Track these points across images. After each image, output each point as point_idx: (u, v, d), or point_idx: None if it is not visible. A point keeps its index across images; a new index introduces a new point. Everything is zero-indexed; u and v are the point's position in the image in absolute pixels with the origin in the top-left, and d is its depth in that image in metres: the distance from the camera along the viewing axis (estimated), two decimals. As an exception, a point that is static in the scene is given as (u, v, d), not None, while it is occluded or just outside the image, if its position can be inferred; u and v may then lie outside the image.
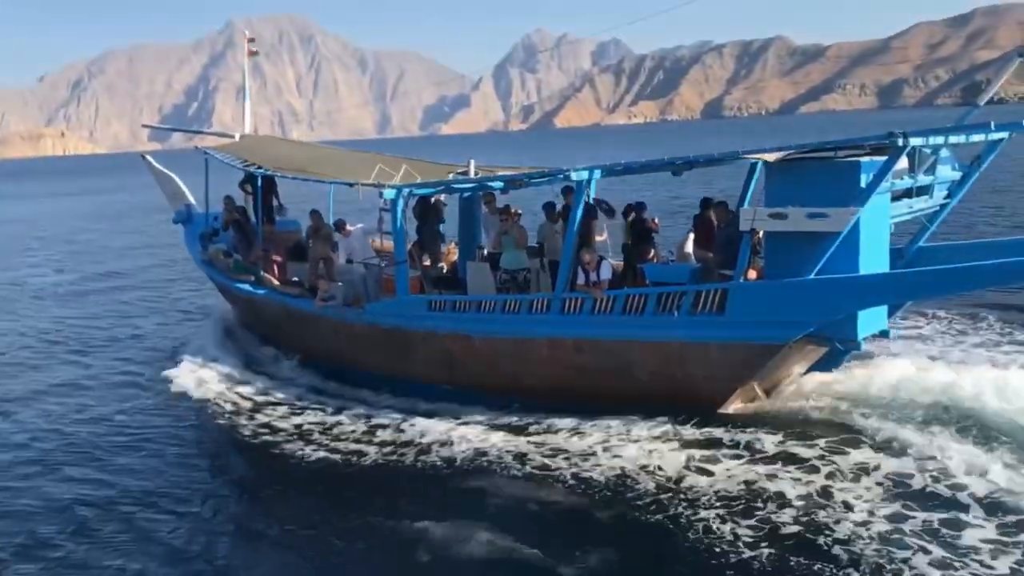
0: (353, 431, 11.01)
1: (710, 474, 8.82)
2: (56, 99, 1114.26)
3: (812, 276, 9.18)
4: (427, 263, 13.81)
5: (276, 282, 14.22)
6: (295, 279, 14.33)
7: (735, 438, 9.55)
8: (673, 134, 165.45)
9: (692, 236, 12.06)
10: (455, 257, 14.35)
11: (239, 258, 15.08)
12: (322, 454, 10.38)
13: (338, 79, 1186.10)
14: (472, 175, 13.41)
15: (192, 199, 17.40)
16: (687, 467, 9.01)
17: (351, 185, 12.52)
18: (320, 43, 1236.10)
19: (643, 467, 9.10)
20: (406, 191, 11.95)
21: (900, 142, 8.59)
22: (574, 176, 10.62)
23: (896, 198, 10.08)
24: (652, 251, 12.30)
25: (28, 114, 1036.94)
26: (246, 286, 14.49)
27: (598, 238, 12.07)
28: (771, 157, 9.22)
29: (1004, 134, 9.99)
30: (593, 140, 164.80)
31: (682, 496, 8.43)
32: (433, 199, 13.82)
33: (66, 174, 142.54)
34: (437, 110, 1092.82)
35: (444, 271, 13.93)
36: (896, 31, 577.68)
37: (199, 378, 13.38)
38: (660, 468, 9.03)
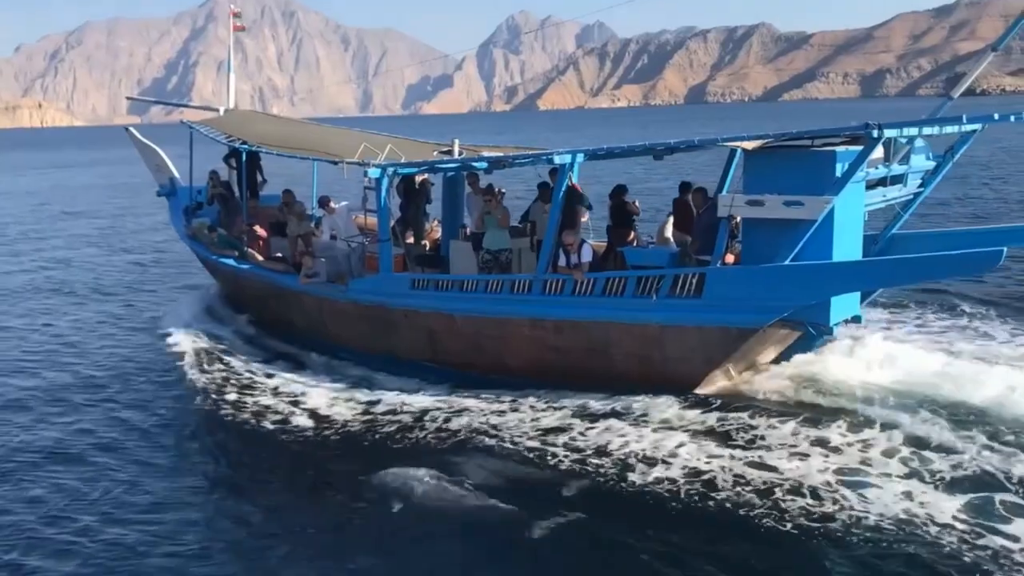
0: (333, 405, 11.14)
1: (683, 451, 9.05)
2: (33, 70, 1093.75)
3: (787, 262, 9.43)
4: (410, 241, 13.94)
5: (260, 257, 14.30)
6: (279, 255, 14.42)
7: (709, 417, 9.81)
8: (657, 119, 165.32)
9: (671, 220, 12.26)
10: (438, 236, 14.48)
11: (223, 232, 15.13)
12: (297, 424, 10.59)
13: (320, 56, 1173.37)
14: (456, 155, 13.52)
15: (176, 172, 17.37)
16: (662, 444, 9.24)
17: (336, 163, 12.61)
18: (302, 19, 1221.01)
19: (619, 445, 9.32)
20: (391, 169, 12.05)
21: (875, 133, 8.81)
22: (557, 160, 10.80)
23: (871, 187, 10.32)
24: (632, 234, 12.50)
25: (3, 84, 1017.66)
26: (230, 261, 14.55)
27: (583, 220, 12.25)
28: (749, 145, 9.43)
29: (977, 126, 10.26)
30: (577, 123, 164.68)
31: (654, 471, 8.67)
32: (420, 179, 13.91)
33: (52, 146, 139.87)
34: (420, 89, 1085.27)
35: (427, 249, 14.06)
36: (879, 21, 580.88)
37: (181, 350, 13.47)
38: (635, 445, 9.26)
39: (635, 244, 12.20)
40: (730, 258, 10.28)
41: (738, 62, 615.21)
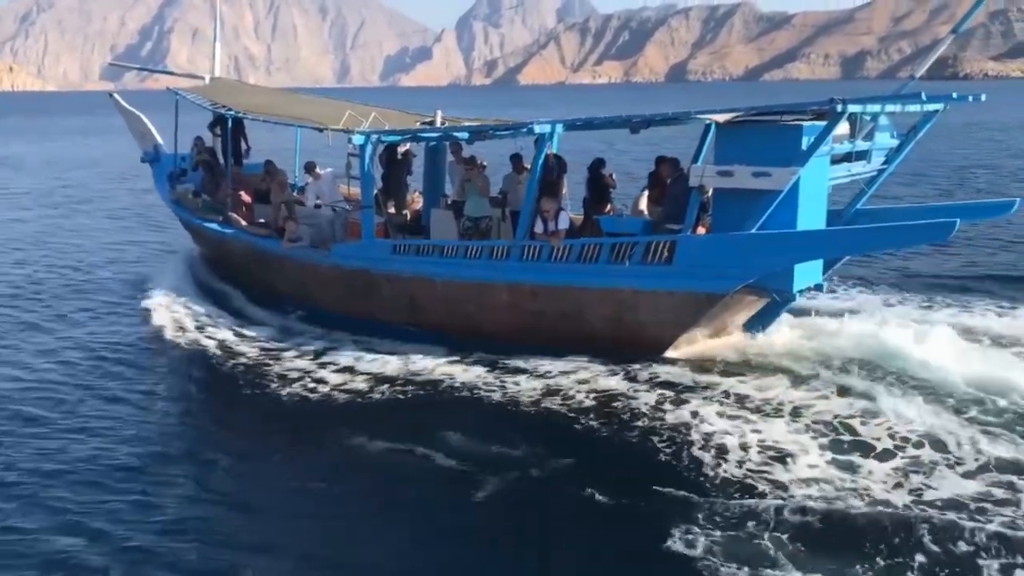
0: (318, 367, 11.47)
1: (654, 408, 9.57)
2: (2, 32, 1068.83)
3: (754, 231, 9.90)
4: (391, 210, 14.26)
5: (244, 223, 14.57)
6: (262, 220, 14.69)
7: (677, 379, 10.30)
8: (640, 96, 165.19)
9: (646, 193, 12.67)
10: (419, 206, 14.81)
11: (207, 198, 15.36)
12: (288, 388, 10.84)
13: (297, 24, 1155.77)
14: (439, 125, 13.82)
15: (159, 139, 17.52)
16: (630, 401, 9.75)
17: (321, 130, 12.87)
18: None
19: (594, 403, 9.82)
20: (375, 137, 12.35)
21: (839, 108, 9.26)
22: (536, 129, 11.15)
23: (836, 161, 10.76)
24: (609, 206, 12.93)
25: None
26: (214, 226, 14.80)
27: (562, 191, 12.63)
28: (720, 118, 9.85)
29: (939, 105, 10.72)
30: (558, 98, 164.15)
31: (627, 426, 9.19)
32: (402, 150, 14.21)
33: (33, 112, 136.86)
34: (398, 61, 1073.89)
35: (408, 218, 14.39)
36: (861, 3, 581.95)
37: (166, 315, 13.72)
38: (608, 403, 9.76)
39: (611, 214, 12.62)
40: (702, 230, 10.74)
41: (719, 41, 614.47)
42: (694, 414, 9.35)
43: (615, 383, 10.32)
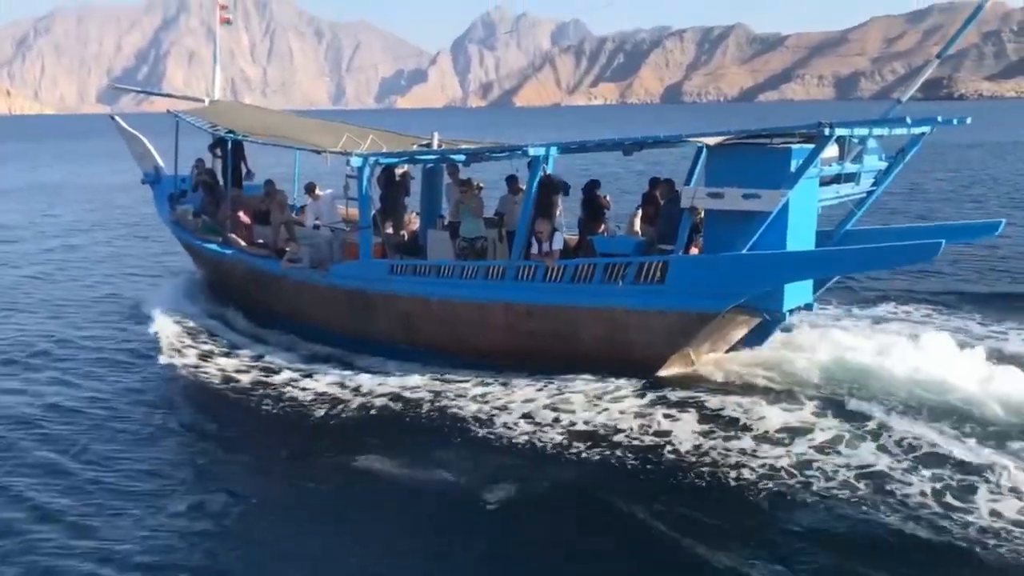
0: (315, 386, 11.58)
1: (645, 422, 9.74)
2: (0, 55, 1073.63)
3: (744, 251, 10.09)
4: (389, 231, 14.44)
5: (243, 243, 14.73)
6: (261, 241, 14.85)
7: (670, 397, 10.46)
8: (635, 117, 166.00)
9: (640, 213, 12.88)
10: (416, 227, 15.00)
11: (207, 219, 15.53)
12: (286, 406, 10.98)
13: (293, 48, 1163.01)
14: (435, 147, 14.04)
15: (160, 161, 17.72)
16: (623, 420, 9.89)
17: (320, 152, 13.08)
18: (275, 10, 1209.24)
19: (584, 421, 9.97)
20: (372, 159, 12.56)
21: (827, 131, 9.50)
22: (531, 152, 11.37)
23: (825, 183, 10.99)
24: (603, 226, 13.13)
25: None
26: (213, 246, 14.96)
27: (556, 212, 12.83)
28: (711, 141, 10.08)
29: (926, 128, 10.98)
30: (554, 120, 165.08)
31: (617, 445, 9.32)
32: (400, 172, 14.41)
33: (34, 136, 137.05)
34: (393, 83, 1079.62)
35: (405, 239, 14.57)
36: (854, 24, 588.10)
37: (166, 334, 13.83)
38: (598, 422, 9.89)
39: (605, 235, 12.82)
40: (695, 250, 10.94)
41: (714, 62, 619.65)
42: (687, 433, 9.49)
43: (608, 402, 10.43)
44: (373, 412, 10.66)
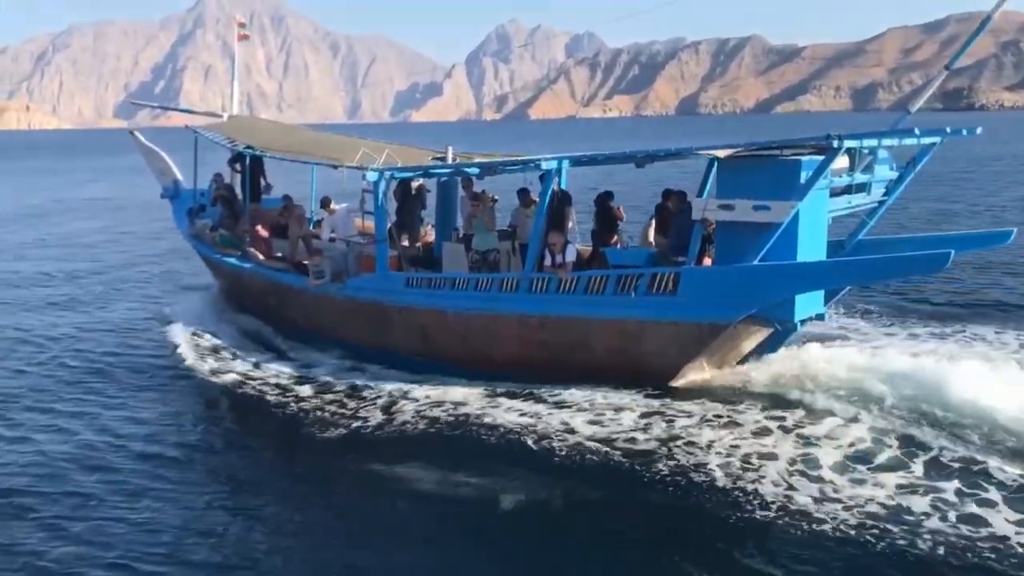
0: (332, 396, 11.77)
1: (659, 433, 9.82)
2: (18, 72, 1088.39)
3: (755, 262, 10.20)
4: (405, 243, 14.64)
5: (261, 257, 14.97)
6: (279, 255, 15.09)
7: (683, 408, 10.54)
8: (650, 130, 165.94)
9: (654, 224, 13.01)
10: (431, 239, 15.19)
11: (226, 233, 15.80)
12: (304, 416, 11.15)
13: (308, 62, 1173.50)
14: (450, 161, 14.25)
15: (179, 175, 18.04)
16: (638, 429, 9.99)
17: (336, 167, 13.32)
18: (291, 25, 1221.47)
19: (601, 431, 10.06)
20: (388, 173, 12.76)
21: (835, 143, 9.61)
22: (544, 165, 11.54)
23: (836, 194, 11.08)
24: (616, 237, 13.27)
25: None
26: (232, 260, 15.22)
27: (569, 224, 12.99)
28: (722, 153, 10.22)
29: (936, 139, 11.06)
30: (568, 132, 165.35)
31: (627, 454, 9.43)
32: (416, 185, 14.63)
33: (55, 152, 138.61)
34: (408, 97, 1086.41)
35: (420, 251, 14.76)
36: (871, 35, 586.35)
37: (187, 346, 14.09)
38: (610, 432, 9.99)
39: (619, 246, 12.97)
40: (707, 261, 11.05)
41: (729, 74, 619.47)
42: (700, 443, 9.57)
43: (620, 413, 10.53)
44: (392, 424, 10.78)
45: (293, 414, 11.28)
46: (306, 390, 12.10)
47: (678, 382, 11.31)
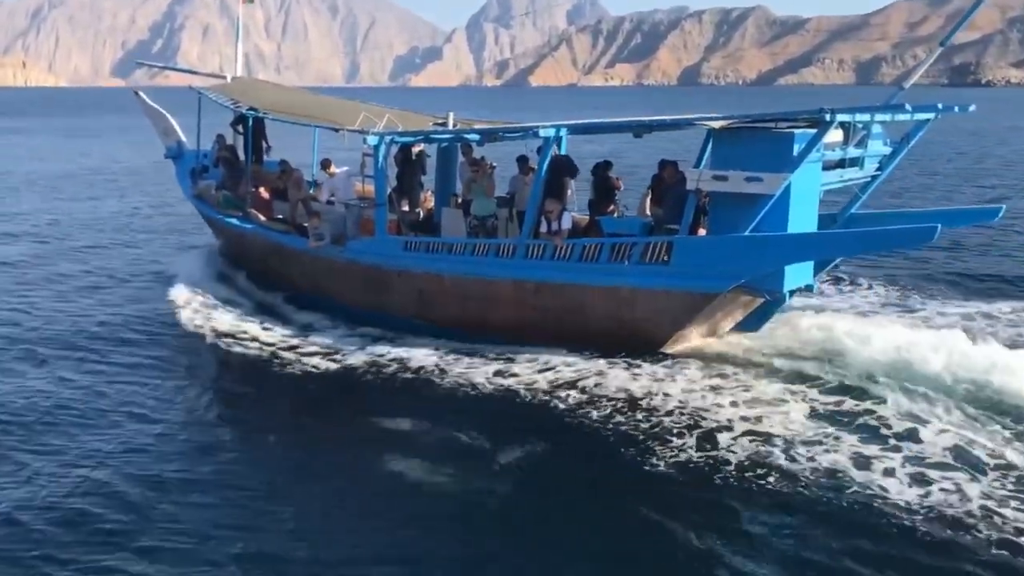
0: (331, 357, 12.00)
1: (648, 399, 10.14)
2: (13, 28, 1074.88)
3: (747, 233, 10.43)
4: (405, 208, 14.83)
5: (263, 218, 15.16)
6: (280, 216, 15.28)
7: (672, 373, 10.85)
8: (652, 99, 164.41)
9: (650, 194, 13.19)
10: (431, 205, 15.37)
11: (228, 194, 15.96)
12: (300, 376, 11.42)
13: (308, 23, 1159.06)
14: (451, 127, 14.40)
15: (182, 136, 18.15)
16: (630, 393, 10.32)
17: (337, 130, 13.46)
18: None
19: (594, 394, 10.39)
20: (388, 138, 12.92)
21: (828, 117, 9.80)
22: (542, 133, 11.71)
23: (829, 168, 11.27)
24: (613, 207, 13.48)
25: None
26: (234, 220, 15.41)
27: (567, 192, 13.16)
28: (716, 124, 10.41)
29: (929, 115, 11.23)
30: (569, 100, 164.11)
31: (617, 413, 9.79)
32: (416, 150, 14.78)
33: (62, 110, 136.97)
34: (408, 61, 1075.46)
35: (420, 217, 14.95)
36: (875, 8, 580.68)
37: (188, 305, 14.31)
38: (608, 395, 10.32)
39: (615, 215, 13.18)
40: (702, 232, 11.28)
41: (732, 44, 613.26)
42: (687, 408, 9.89)
43: (613, 379, 10.81)
44: (386, 384, 11.06)
45: (286, 374, 11.51)
46: (300, 350, 12.31)
47: (669, 349, 11.60)
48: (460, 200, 14.12)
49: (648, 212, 12.87)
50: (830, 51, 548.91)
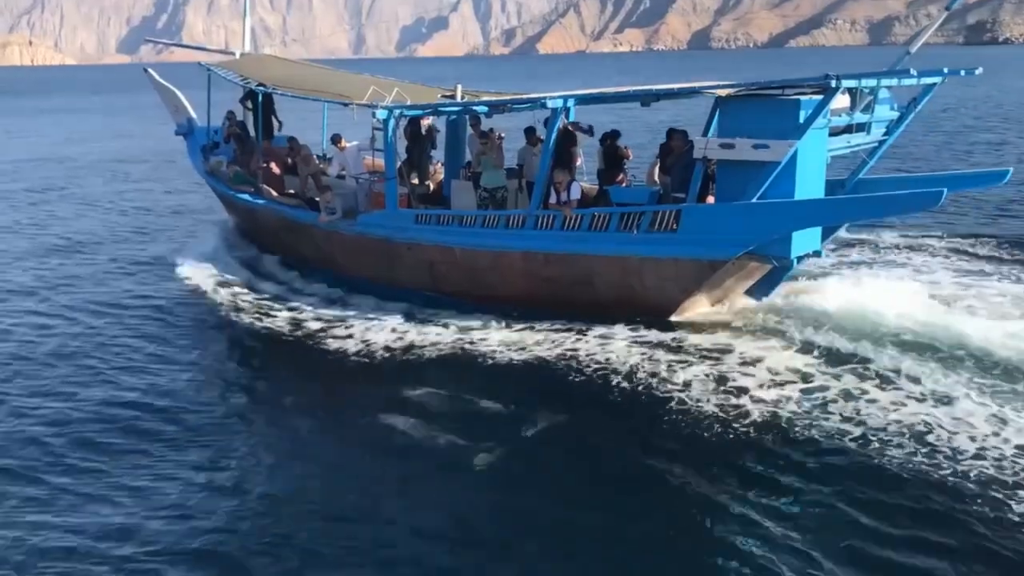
0: (344, 332, 12.18)
1: (658, 366, 10.31)
2: (18, 5, 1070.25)
3: (754, 200, 10.52)
4: (415, 182, 14.95)
5: (275, 193, 15.33)
6: (291, 191, 15.44)
7: (680, 342, 11.00)
8: (662, 65, 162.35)
9: (659, 163, 13.25)
10: (441, 178, 15.48)
11: (240, 170, 16.12)
12: (319, 349, 11.64)
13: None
14: (459, 99, 14.45)
15: (193, 113, 18.28)
16: (639, 361, 10.50)
17: (346, 105, 13.55)
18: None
19: (605, 360, 10.57)
20: (397, 111, 13.01)
21: (833, 83, 9.82)
22: (550, 104, 11.77)
23: (836, 133, 11.29)
24: (622, 176, 13.54)
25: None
26: (246, 196, 15.58)
27: (577, 162, 13.24)
28: (723, 92, 10.44)
29: (936, 79, 11.20)
30: (578, 67, 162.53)
31: (632, 381, 9.95)
32: (426, 124, 14.86)
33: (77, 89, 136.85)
34: (414, 31, 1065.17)
35: (431, 190, 15.07)
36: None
37: (201, 279, 14.59)
38: (619, 362, 10.49)
39: (624, 185, 13.25)
40: (710, 199, 11.36)
41: (743, 7, 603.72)
42: (694, 376, 10.04)
43: (618, 346, 11.00)
44: (402, 356, 11.24)
45: (299, 346, 11.76)
46: (316, 324, 12.53)
47: (678, 317, 11.74)
48: (470, 172, 14.22)
49: (657, 181, 12.94)
50: (842, 11, 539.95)
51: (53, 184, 28.16)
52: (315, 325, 12.53)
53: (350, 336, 12.01)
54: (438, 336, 11.74)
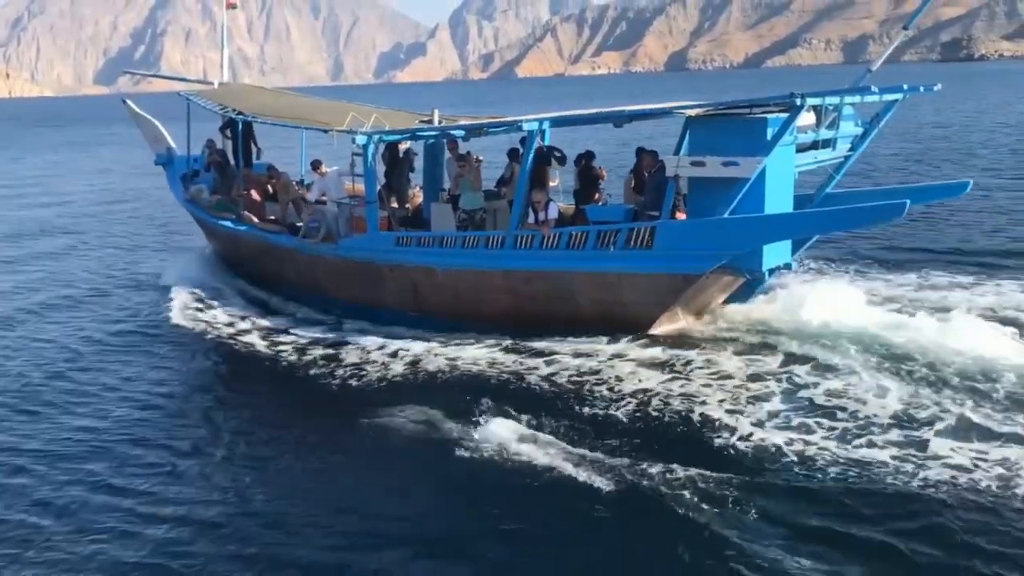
0: (328, 353, 12.33)
1: (638, 379, 10.52)
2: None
3: (725, 215, 10.82)
4: (394, 205, 15.17)
5: (255, 220, 15.49)
6: (272, 217, 15.61)
7: (659, 354, 11.22)
8: (639, 86, 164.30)
9: (634, 182, 13.57)
10: (420, 201, 15.72)
11: (221, 197, 16.28)
12: (302, 374, 11.74)
13: (290, 24, 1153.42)
14: (436, 124, 14.73)
15: (172, 142, 18.44)
16: (619, 373, 10.71)
17: (326, 131, 13.79)
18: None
19: (588, 373, 10.80)
20: (376, 137, 13.26)
21: (799, 101, 10.17)
22: (525, 127, 12.07)
23: (803, 150, 11.66)
24: (598, 195, 13.86)
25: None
26: (227, 223, 15.74)
27: (551, 183, 13.55)
28: (693, 112, 10.78)
29: (897, 95, 11.62)
30: (556, 91, 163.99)
31: (603, 399, 10.15)
32: (403, 148, 15.12)
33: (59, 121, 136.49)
34: (392, 58, 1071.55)
35: (410, 212, 15.30)
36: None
37: (182, 306, 14.69)
38: (599, 376, 10.71)
39: (600, 204, 13.55)
40: (681, 215, 11.67)
41: (718, 28, 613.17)
42: (673, 386, 10.27)
43: (600, 361, 11.17)
44: (382, 376, 11.34)
45: (286, 370, 11.84)
46: (298, 346, 12.66)
47: (656, 330, 11.98)
48: (448, 195, 14.46)
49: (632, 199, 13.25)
50: (816, 31, 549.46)
51: (35, 216, 28.18)
52: (296, 347, 12.63)
53: (332, 358, 12.11)
54: (416, 355, 11.89)
